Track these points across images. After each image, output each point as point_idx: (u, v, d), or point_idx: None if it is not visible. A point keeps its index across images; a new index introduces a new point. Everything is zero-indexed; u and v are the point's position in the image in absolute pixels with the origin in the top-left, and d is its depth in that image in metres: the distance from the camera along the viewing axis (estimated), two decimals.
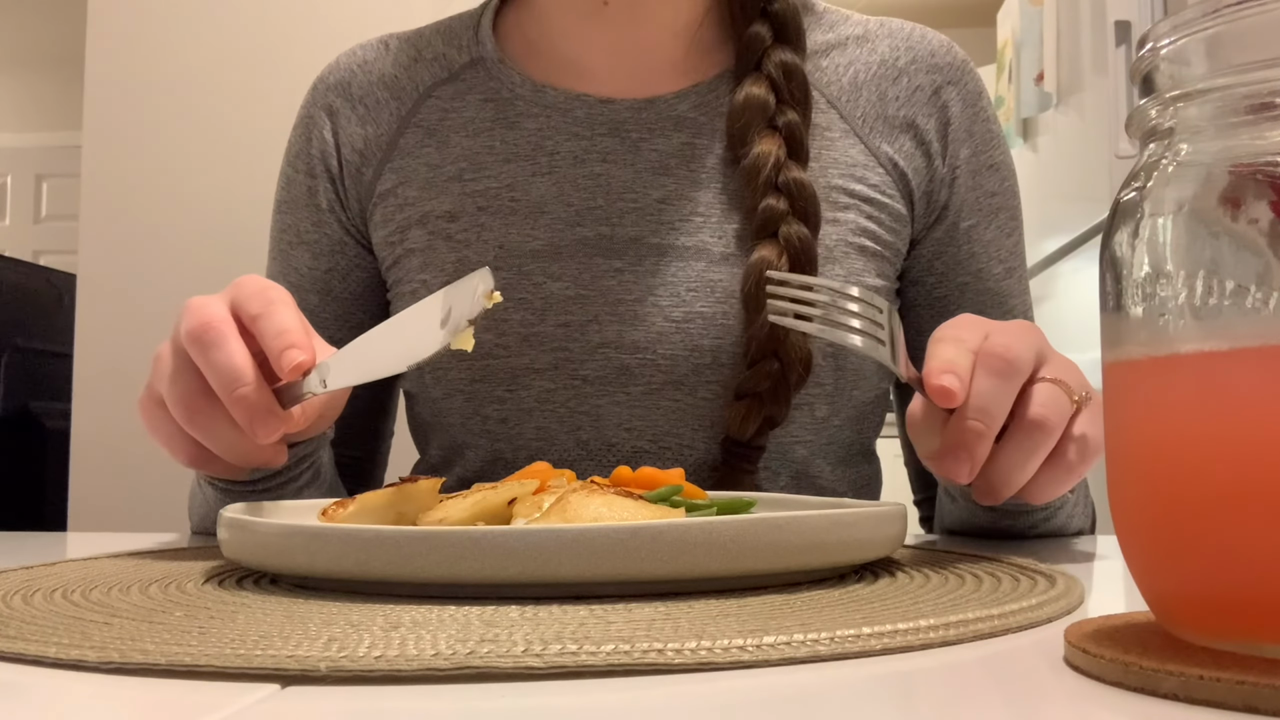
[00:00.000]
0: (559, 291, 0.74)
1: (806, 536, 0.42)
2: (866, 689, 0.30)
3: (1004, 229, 0.81)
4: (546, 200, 0.76)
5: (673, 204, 0.75)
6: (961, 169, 0.79)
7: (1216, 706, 0.26)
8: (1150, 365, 0.31)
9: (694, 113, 0.77)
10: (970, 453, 0.52)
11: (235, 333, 0.55)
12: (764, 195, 0.72)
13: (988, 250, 0.80)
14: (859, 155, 0.77)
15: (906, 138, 0.79)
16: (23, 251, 4.27)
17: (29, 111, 4.71)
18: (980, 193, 0.80)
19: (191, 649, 0.32)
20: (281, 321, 0.54)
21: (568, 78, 0.80)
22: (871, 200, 0.77)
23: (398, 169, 0.80)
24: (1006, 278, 0.81)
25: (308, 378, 0.53)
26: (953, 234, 0.80)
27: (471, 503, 0.46)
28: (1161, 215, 0.31)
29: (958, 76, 0.80)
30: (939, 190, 0.79)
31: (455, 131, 0.79)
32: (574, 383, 0.73)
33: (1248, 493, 0.28)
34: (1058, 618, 0.39)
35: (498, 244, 0.75)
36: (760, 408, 0.72)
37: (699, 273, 0.73)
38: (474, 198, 0.77)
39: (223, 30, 1.53)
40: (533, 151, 0.77)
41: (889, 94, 0.79)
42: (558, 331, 0.73)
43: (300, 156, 0.84)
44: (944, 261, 0.80)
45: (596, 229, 0.75)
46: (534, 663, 0.30)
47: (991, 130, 0.81)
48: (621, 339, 0.73)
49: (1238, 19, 0.29)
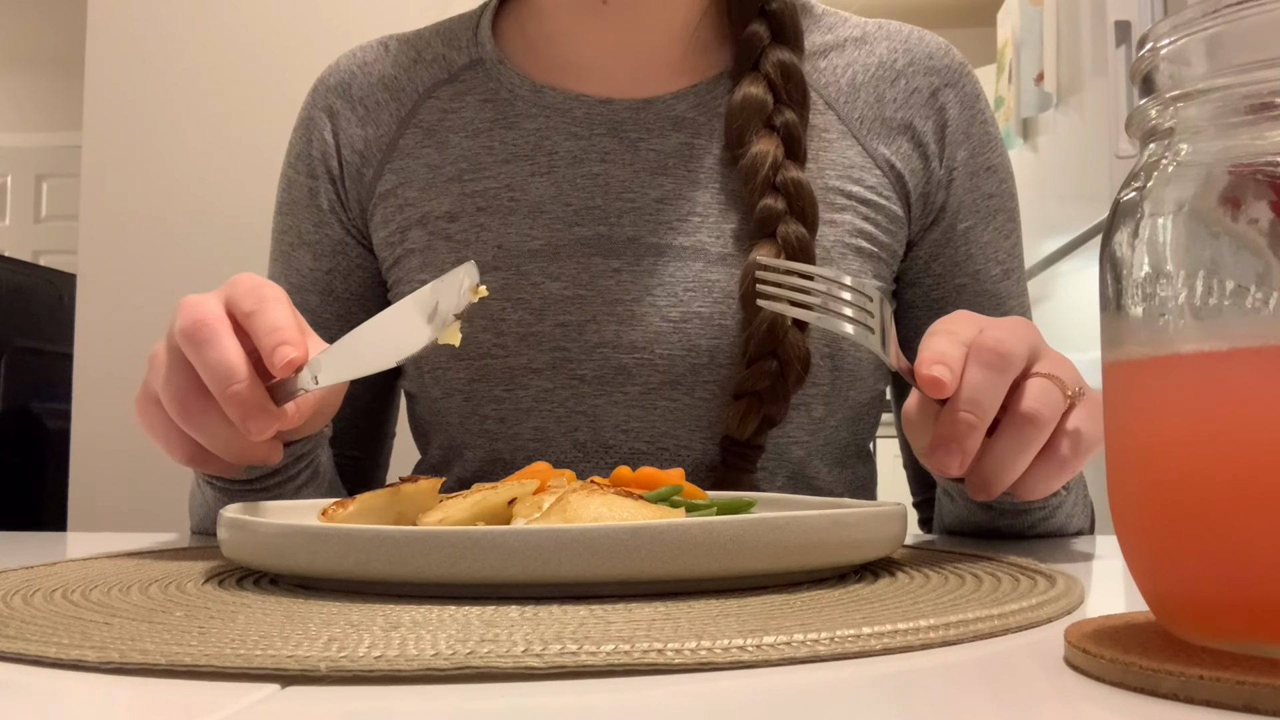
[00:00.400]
0: (557, 291, 0.74)
1: (806, 536, 0.42)
2: (866, 689, 0.30)
3: (1001, 230, 0.81)
4: (545, 200, 0.76)
5: (671, 204, 0.75)
6: (959, 171, 0.79)
7: (1216, 706, 0.26)
8: (1150, 365, 0.31)
9: (692, 113, 0.77)
10: (961, 445, 0.52)
11: (229, 330, 0.55)
12: (762, 195, 0.73)
13: (985, 252, 0.80)
14: (856, 157, 0.78)
15: (904, 140, 0.79)
16: (23, 251, 4.27)
17: (29, 111, 4.71)
18: (978, 195, 0.80)
19: (191, 649, 0.32)
20: (274, 318, 0.54)
21: (566, 78, 0.80)
22: (868, 202, 0.77)
23: (398, 170, 0.80)
24: (1004, 279, 0.81)
25: (300, 374, 0.53)
26: (950, 236, 0.80)
27: (471, 503, 0.46)
28: (1161, 215, 0.31)
29: (955, 79, 0.80)
30: (936, 192, 0.79)
31: (454, 132, 0.80)
32: (572, 383, 0.73)
33: (1247, 493, 0.28)
34: (1058, 618, 0.39)
35: (496, 244, 0.75)
36: (759, 407, 0.72)
37: (696, 273, 0.73)
38: (473, 198, 0.77)
39: (223, 31, 1.53)
40: (531, 151, 0.78)
41: (886, 96, 0.79)
42: (556, 331, 0.73)
43: (301, 158, 0.84)
44: (941, 263, 0.80)
45: (595, 229, 0.75)
46: (534, 663, 0.30)
47: (989, 132, 0.81)
48: (619, 339, 0.73)
49: (1238, 19, 0.29)
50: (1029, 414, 0.53)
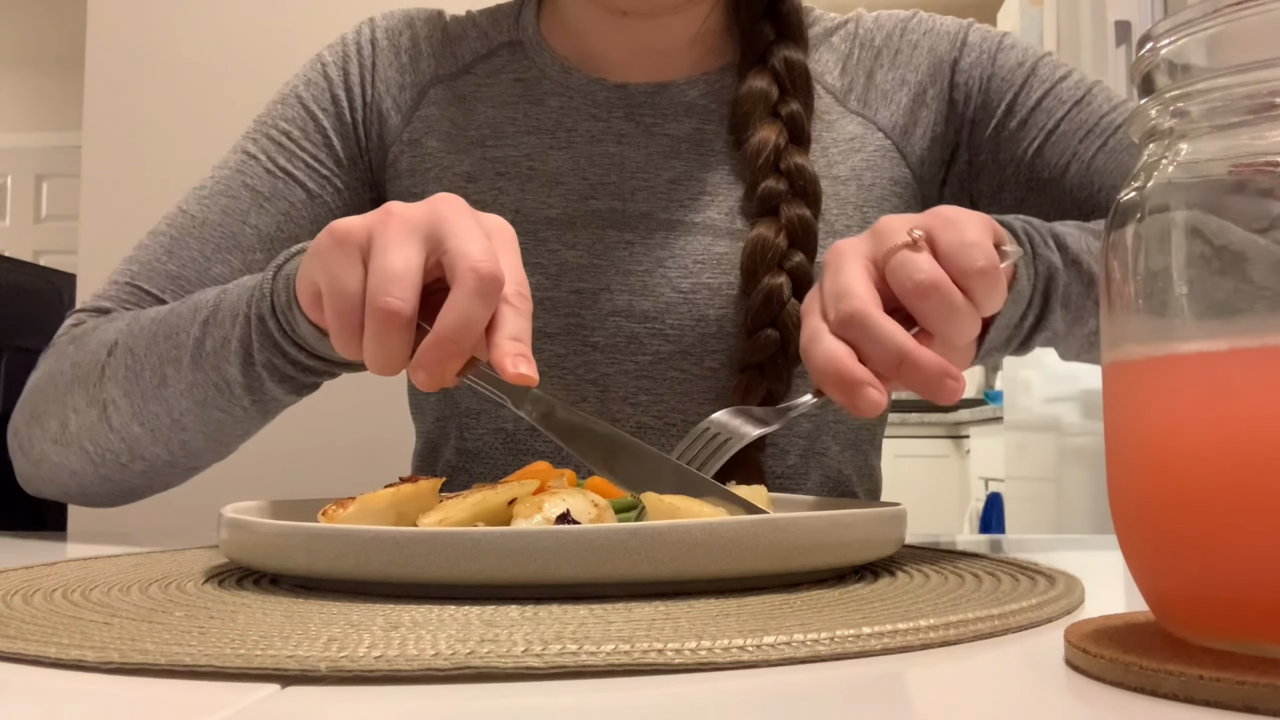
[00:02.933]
0: (573, 259, 0.76)
1: (806, 536, 0.42)
2: (866, 689, 0.30)
3: (1049, 79, 0.79)
4: (563, 172, 0.79)
5: (682, 184, 0.78)
6: (974, 74, 0.80)
7: (1216, 706, 0.26)
8: (1150, 365, 0.31)
9: (703, 100, 0.81)
10: (943, 377, 0.51)
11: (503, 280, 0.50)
12: (764, 177, 0.75)
13: (1043, 103, 0.79)
14: (858, 128, 0.81)
15: (902, 94, 0.81)
16: (23, 251, 4.27)
17: (29, 111, 4.71)
18: (1006, 70, 0.80)
19: (191, 649, 0.32)
20: (523, 324, 0.51)
21: (590, 66, 0.84)
22: (873, 168, 0.79)
23: (424, 118, 0.83)
24: (1086, 105, 0.78)
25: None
26: (1010, 114, 0.79)
27: (471, 503, 0.46)
28: (1161, 215, 0.31)
29: (932, 25, 0.83)
30: (966, 104, 0.80)
31: (482, 101, 0.83)
32: (584, 349, 0.75)
33: (1248, 492, 0.28)
34: (1058, 618, 0.39)
35: (514, 208, 0.78)
36: (761, 380, 0.73)
37: (705, 246, 0.76)
38: (493, 163, 0.80)
39: (223, 30, 1.53)
40: (553, 127, 0.81)
41: (875, 68, 0.82)
42: (571, 298, 0.76)
43: (330, 66, 0.85)
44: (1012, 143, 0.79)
45: (609, 203, 0.78)
46: (534, 663, 0.30)
47: (987, 31, 0.82)
48: (632, 308, 0.75)
49: (1238, 19, 0.29)
50: (920, 287, 0.51)
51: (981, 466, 3.57)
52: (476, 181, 0.79)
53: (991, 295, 0.53)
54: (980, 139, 0.80)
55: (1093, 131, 0.77)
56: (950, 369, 0.51)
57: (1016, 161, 0.79)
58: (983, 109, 0.80)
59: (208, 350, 0.64)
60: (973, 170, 0.81)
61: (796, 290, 0.73)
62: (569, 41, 0.85)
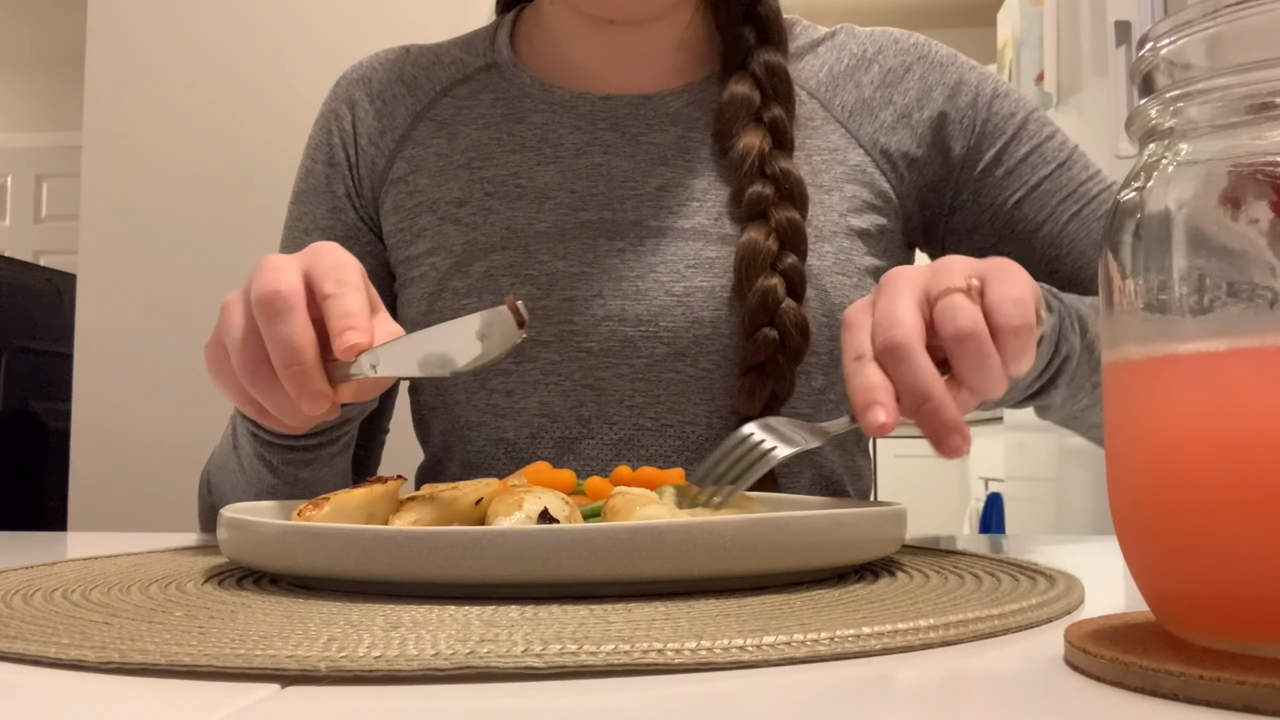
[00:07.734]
0: (564, 269, 0.77)
1: (806, 536, 0.42)
2: (866, 689, 0.30)
3: (1037, 136, 0.81)
4: (551, 187, 0.79)
5: (670, 191, 0.79)
6: (965, 112, 0.81)
7: (1216, 706, 0.26)
8: (1150, 365, 0.31)
9: (687, 109, 0.81)
10: (954, 433, 0.52)
11: (303, 305, 0.55)
12: (751, 183, 0.76)
13: (1029, 158, 0.81)
14: (840, 140, 0.81)
15: (887, 114, 0.82)
16: (23, 251, 4.27)
17: (29, 111, 4.71)
18: (1000, 118, 0.81)
19: (191, 649, 0.32)
20: (349, 304, 0.55)
21: (572, 80, 0.84)
22: (853, 179, 0.80)
23: (409, 158, 0.84)
24: (1065, 171, 0.81)
25: (359, 360, 0.54)
26: (998, 161, 0.81)
27: (441, 504, 0.47)
28: (1161, 215, 0.31)
29: (926, 51, 0.84)
30: (956, 140, 0.81)
31: (465, 125, 0.83)
32: (579, 355, 0.76)
33: (1247, 492, 0.28)
34: (1058, 618, 0.39)
35: (505, 226, 0.78)
36: (765, 381, 0.74)
37: (697, 250, 0.76)
38: (482, 184, 0.81)
39: (223, 31, 1.53)
40: (538, 143, 0.81)
41: (863, 81, 0.83)
42: (563, 305, 0.76)
43: (320, 148, 0.87)
44: (994, 190, 0.81)
45: (599, 213, 0.78)
46: (534, 663, 0.30)
47: (982, 73, 0.83)
48: (625, 312, 0.76)
49: (1238, 19, 0.29)
50: (962, 332, 0.52)
51: (981, 466, 3.57)
52: (466, 204, 0.80)
53: (1022, 357, 0.54)
54: (967, 177, 0.81)
55: (1071, 196, 0.80)
56: (964, 428, 0.52)
57: (995, 208, 0.81)
58: (975, 150, 0.81)
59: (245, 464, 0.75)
60: (954, 204, 0.82)
61: (791, 291, 0.73)
62: (549, 60, 0.85)
